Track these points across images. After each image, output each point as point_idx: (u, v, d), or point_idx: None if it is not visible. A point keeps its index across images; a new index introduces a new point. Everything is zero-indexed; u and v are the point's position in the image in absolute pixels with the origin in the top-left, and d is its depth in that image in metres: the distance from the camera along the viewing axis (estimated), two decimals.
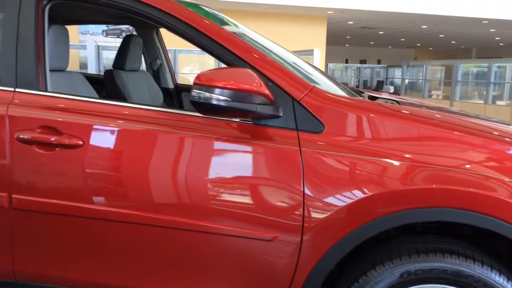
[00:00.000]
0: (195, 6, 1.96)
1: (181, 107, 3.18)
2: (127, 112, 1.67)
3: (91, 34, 10.53)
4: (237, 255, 1.58)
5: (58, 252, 1.68)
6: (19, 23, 1.73)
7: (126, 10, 1.75)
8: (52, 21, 1.85)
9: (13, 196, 1.64)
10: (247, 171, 1.56)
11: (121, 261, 1.66)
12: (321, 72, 2.30)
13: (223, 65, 1.63)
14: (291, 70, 1.68)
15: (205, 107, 1.46)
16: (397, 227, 1.49)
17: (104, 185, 1.62)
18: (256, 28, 2.45)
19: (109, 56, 9.80)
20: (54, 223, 1.65)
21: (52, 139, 1.61)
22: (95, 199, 1.62)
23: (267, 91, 1.48)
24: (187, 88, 3.26)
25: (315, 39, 11.69)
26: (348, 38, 21.14)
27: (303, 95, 1.56)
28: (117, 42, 10.25)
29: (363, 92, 2.36)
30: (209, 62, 10.12)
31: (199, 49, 1.71)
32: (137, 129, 1.61)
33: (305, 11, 11.21)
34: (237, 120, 1.57)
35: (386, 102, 2.08)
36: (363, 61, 24.78)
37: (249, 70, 1.50)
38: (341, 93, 1.87)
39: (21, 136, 1.62)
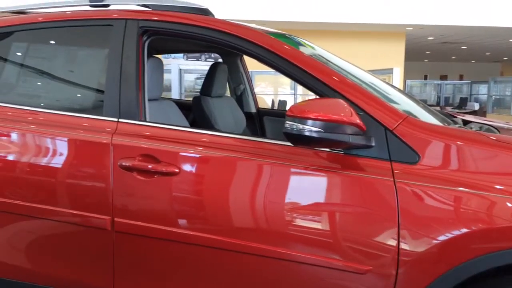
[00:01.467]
0: (283, 36, 2.01)
1: (262, 131, 3.25)
2: (220, 141, 1.73)
3: (173, 58, 11.08)
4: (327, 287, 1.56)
5: (155, 274, 1.77)
6: (122, 59, 1.87)
7: (218, 43, 1.84)
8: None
9: (116, 219, 1.75)
10: (339, 201, 1.55)
11: (212, 285, 1.71)
12: (407, 95, 2.23)
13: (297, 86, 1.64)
14: (382, 99, 1.66)
15: (298, 138, 1.47)
16: (500, 266, 1.39)
17: (197, 211, 1.68)
18: (331, 47, 2.44)
19: (189, 79, 10.24)
20: (151, 246, 1.74)
21: (151, 166, 1.71)
22: (190, 225, 1.68)
23: (359, 121, 1.47)
24: (268, 112, 3.32)
25: (393, 56, 11.39)
26: (427, 54, 20.34)
27: (397, 124, 1.52)
28: (196, 65, 10.70)
29: (455, 116, 2.26)
30: (283, 81, 10.23)
31: (273, 71, 1.76)
32: (232, 157, 1.66)
33: (383, 28, 10.99)
34: (327, 149, 1.57)
35: (481, 128, 1.98)
36: (443, 77, 23.65)
37: (341, 100, 1.50)
38: (434, 120, 1.81)
39: (123, 164, 1.74)
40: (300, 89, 9.49)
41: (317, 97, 1.63)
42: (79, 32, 2.11)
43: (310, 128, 1.44)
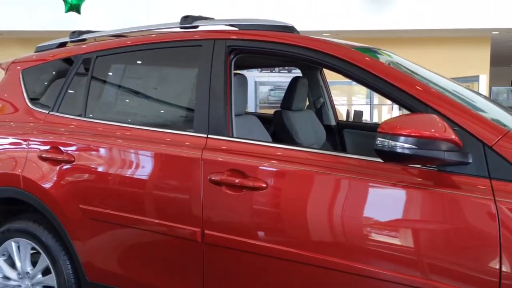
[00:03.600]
0: (369, 50, 1.99)
1: (342, 144, 3.21)
2: (306, 157, 1.74)
3: (247, 71, 11.30)
4: None
5: (242, 286, 1.80)
6: (211, 77, 1.96)
7: (304, 60, 1.86)
8: None
9: (206, 231, 1.82)
10: (432, 219, 1.49)
11: None
12: (502, 107, 2.10)
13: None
14: (478, 112, 1.58)
15: (390, 155, 1.45)
16: None
17: (286, 226, 1.70)
18: (410, 55, 2.36)
19: (263, 90, 10.39)
20: (240, 259, 1.78)
21: (240, 181, 1.75)
22: (279, 239, 1.70)
23: (454, 137, 1.41)
24: (348, 125, 3.29)
25: (477, 62, 10.74)
26: None
27: (497, 140, 1.44)
28: (270, 77, 10.83)
29: None
30: (358, 90, 10.04)
31: (348, 80, 1.74)
32: (321, 173, 1.66)
33: (466, 34, 10.43)
34: (418, 166, 1.53)
35: None
36: None
37: (434, 116, 1.45)
38: None
39: (212, 178, 1.81)
40: (376, 99, 9.26)
41: (406, 112, 1.59)
42: (169, 53, 2.24)
43: (402, 145, 1.41)
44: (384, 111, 10.03)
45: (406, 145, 1.40)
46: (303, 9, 9.12)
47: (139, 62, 2.39)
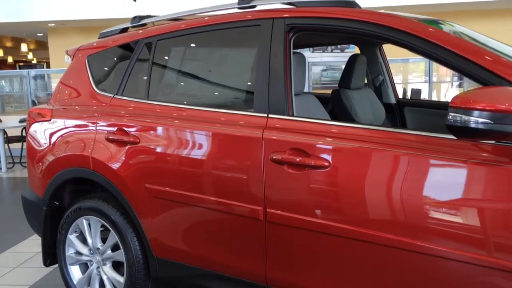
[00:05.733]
0: (435, 22, 1.89)
1: (403, 122, 3.12)
2: (369, 135, 1.70)
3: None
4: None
5: (306, 264, 1.81)
6: (270, 56, 1.95)
7: (368, 35, 1.80)
8: None
9: (268, 210, 1.84)
10: (509, 197, 1.42)
11: (361, 278, 1.69)
12: None
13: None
14: None
15: (463, 131, 1.38)
16: None
17: (349, 205, 1.68)
18: (473, 28, 2.22)
19: (315, 71, 10.25)
20: (302, 237, 1.78)
21: (301, 160, 1.75)
22: (340, 217, 1.69)
23: None
24: (409, 103, 3.18)
25: None
26: None
27: None
28: (322, 57, 10.65)
29: None
30: (414, 68, 9.66)
31: (403, 58, 1.66)
32: (386, 151, 1.62)
33: None
34: (492, 142, 1.45)
35: None
36: None
37: (510, 88, 1.37)
38: None
39: (274, 157, 1.81)
40: (434, 77, 8.86)
41: (480, 86, 1.51)
42: (228, 34, 2.24)
43: (476, 120, 1.34)
44: (443, 89, 9.60)
45: (481, 120, 1.34)
46: None
47: (198, 44, 2.41)
